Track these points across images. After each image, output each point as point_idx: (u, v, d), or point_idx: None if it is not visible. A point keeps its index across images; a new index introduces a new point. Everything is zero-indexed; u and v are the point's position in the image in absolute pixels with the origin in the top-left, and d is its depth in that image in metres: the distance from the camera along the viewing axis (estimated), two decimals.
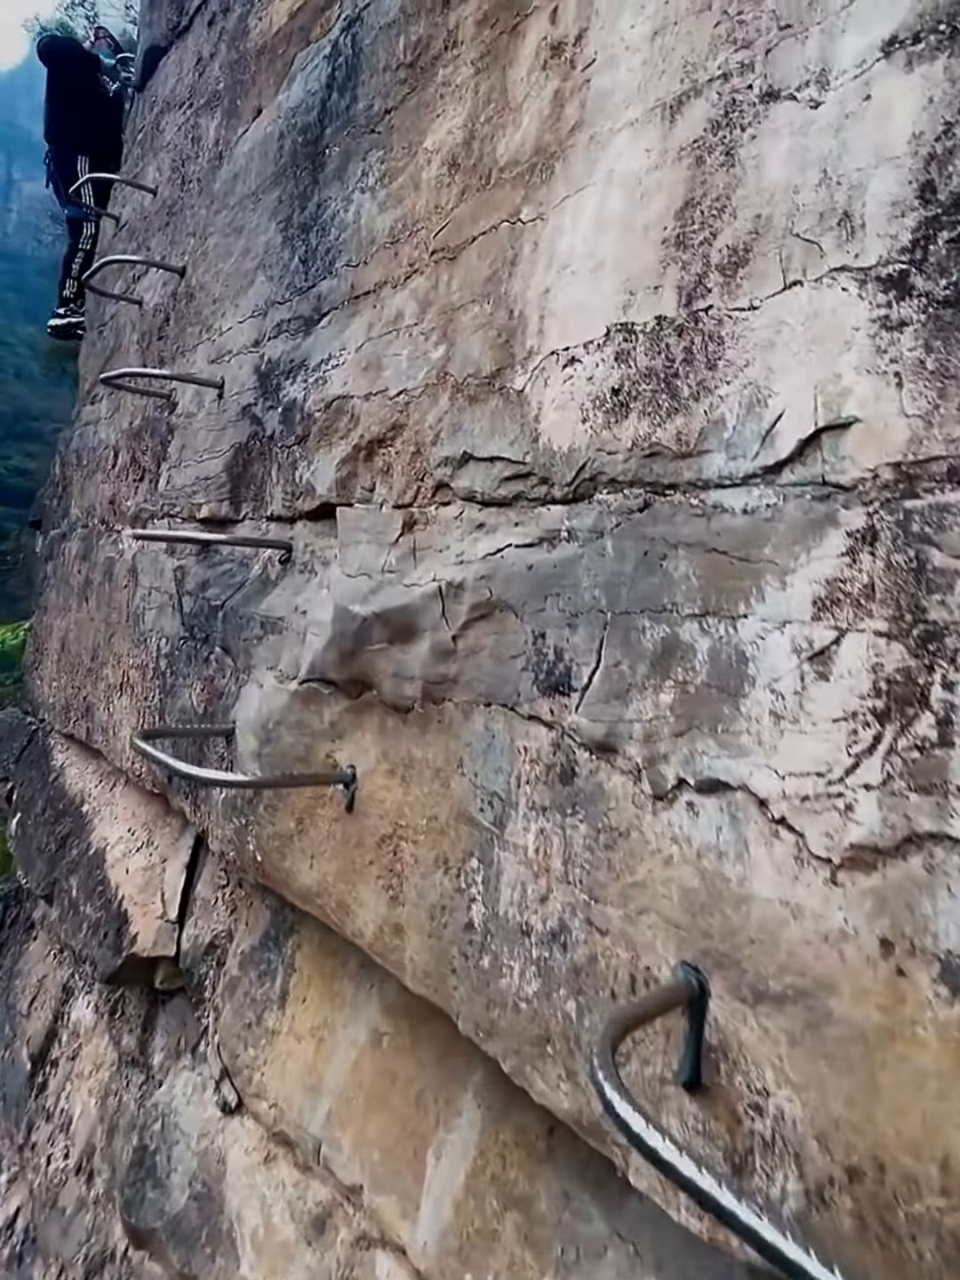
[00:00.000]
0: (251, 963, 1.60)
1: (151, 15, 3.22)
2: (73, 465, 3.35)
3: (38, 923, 2.92)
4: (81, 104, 4.88)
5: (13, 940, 3.09)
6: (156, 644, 2.05)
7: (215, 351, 2.20)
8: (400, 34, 1.67)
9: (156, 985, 1.91)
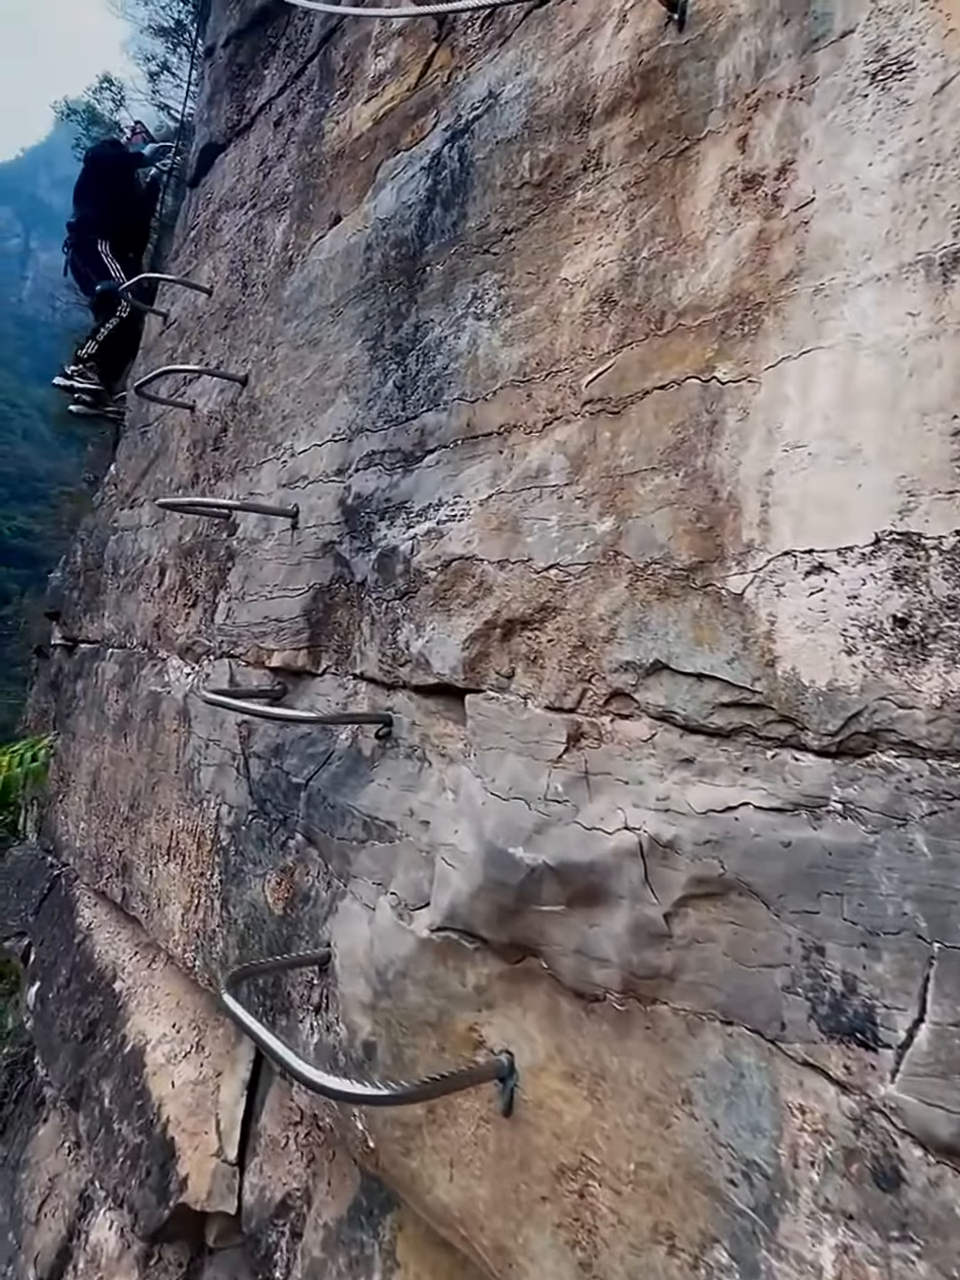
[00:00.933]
0: (339, 1244, 1.33)
1: (209, 113, 3.20)
2: (108, 572, 3.20)
3: (50, 1102, 2.62)
4: (114, 197, 5.29)
5: (19, 1118, 2.77)
6: (216, 810, 1.83)
7: (288, 475, 2.04)
8: (524, 151, 1.54)
9: (209, 1244, 1.62)
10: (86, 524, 5.54)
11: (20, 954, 2.70)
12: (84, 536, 5.45)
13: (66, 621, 5.08)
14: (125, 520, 3.20)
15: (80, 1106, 2.02)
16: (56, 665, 6.26)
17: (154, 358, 3.32)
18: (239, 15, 3.07)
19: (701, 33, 1.24)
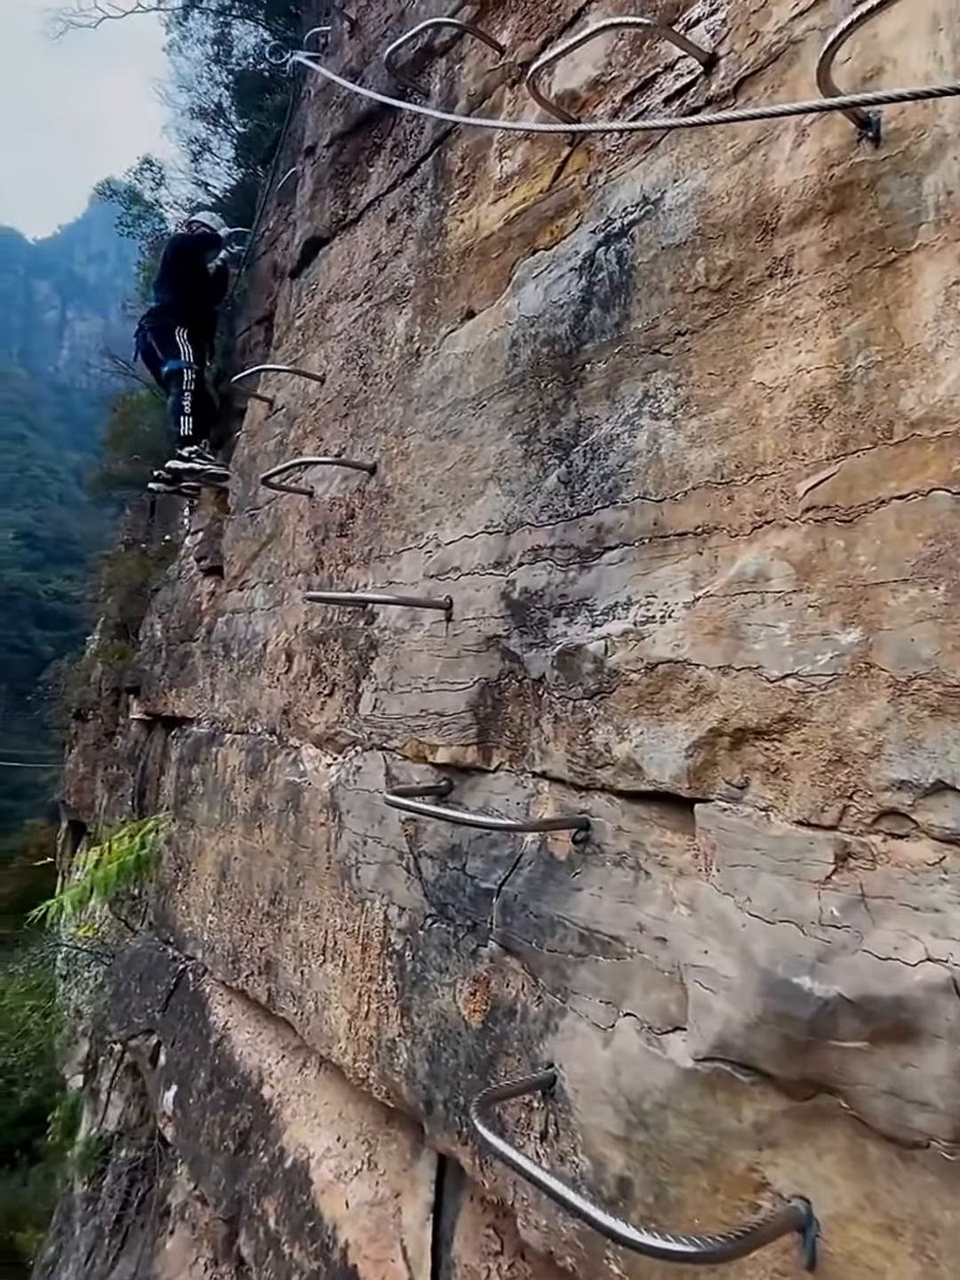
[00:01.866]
0: None
1: (312, 208, 3.38)
2: (218, 654, 3.27)
3: (175, 1212, 2.58)
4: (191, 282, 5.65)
5: (142, 1229, 2.74)
6: (383, 910, 1.84)
7: (435, 566, 2.09)
8: (697, 257, 1.61)
9: None
10: (164, 598, 5.70)
11: (149, 1054, 2.70)
12: (163, 610, 5.60)
13: (149, 697, 5.20)
14: (234, 602, 3.29)
15: (241, 1226, 1.99)
16: (134, 739, 6.38)
17: (260, 442, 3.45)
18: (343, 118, 3.26)
19: (902, 150, 1.29)
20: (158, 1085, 2.61)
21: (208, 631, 4.53)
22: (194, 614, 4.87)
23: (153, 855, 3.25)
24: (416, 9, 3.00)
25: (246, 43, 14.49)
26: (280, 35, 13.12)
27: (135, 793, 5.45)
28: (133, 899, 3.49)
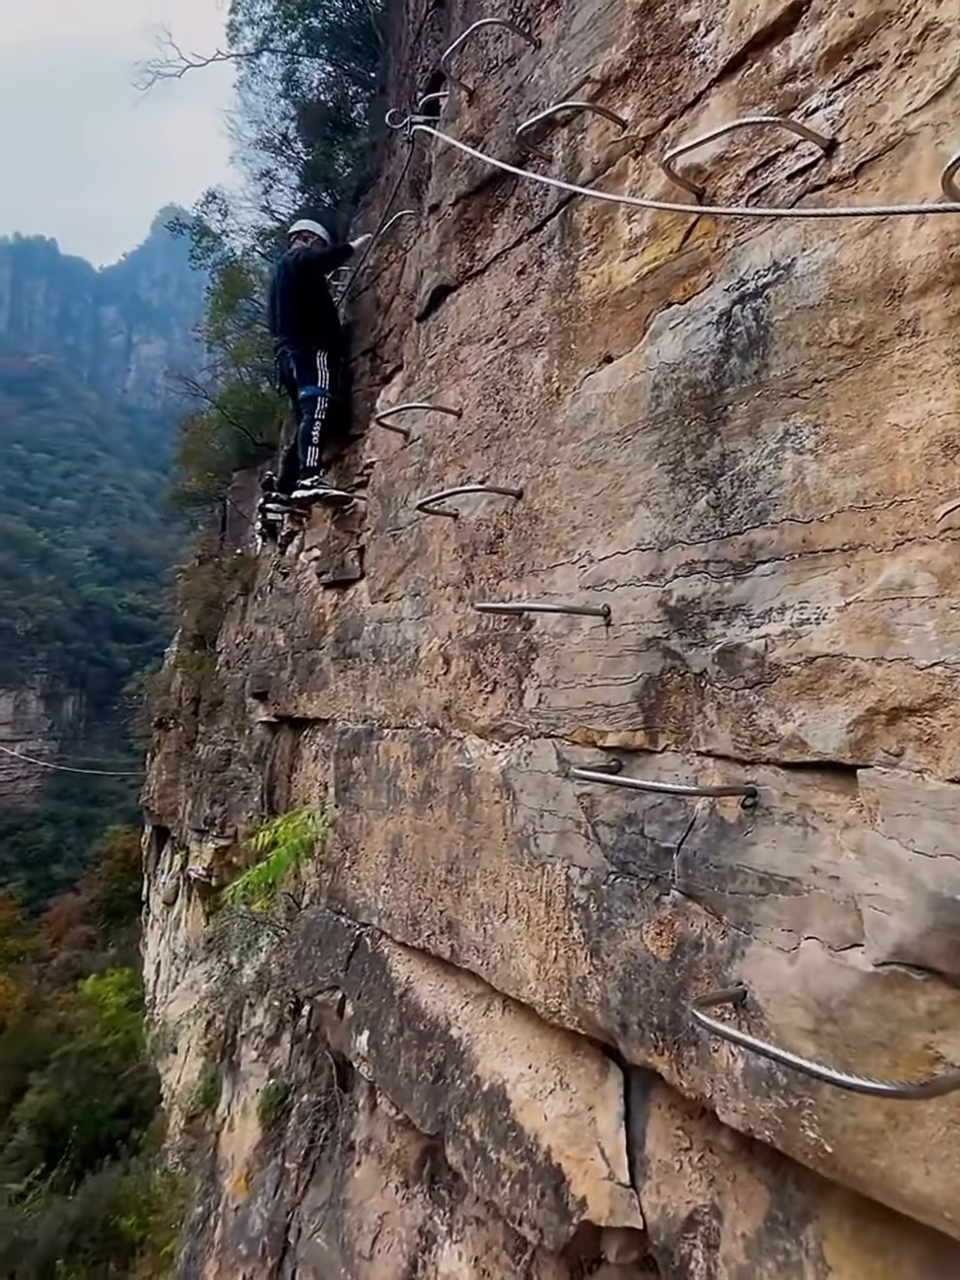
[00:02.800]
0: (763, 1251, 1.60)
1: (439, 260, 3.76)
2: (368, 659, 3.67)
3: (360, 1146, 2.97)
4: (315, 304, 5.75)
5: (329, 1163, 3.13)
6: (565, 872, 2.17)
7: (591, 579, 2.42)
8: (831, 317, 1.90)
9: (611, 1259, 1.90)
10: (283, 608, 6.16)
11: (336, 1006, 3.08)
12: (285, 621, 6.07)
13: (278, 701, 5.65)
14: (381, 612, 3.67)
15: (447, 1140, 2.34)
16: (259, 741, 6.87)
17: (398, 469, 3.84)
18: (467, 180, 3.62)
19: None
20: (348, 1032, 2.99)
21: (335, 640, 4.96)
22: (317, 624, 5.31)
23: (314, 840, 3.65)
24: (535, 82, 3.34)
25: (312, 76, 15.11)
26: (342, 68, 13.67)
27: (265, 789, 5.91)
28: (295, 878, 3.87)
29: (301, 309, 5.74)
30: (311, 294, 5.76)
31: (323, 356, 5.67)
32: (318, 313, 5.76)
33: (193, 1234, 5.32)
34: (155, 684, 33.70)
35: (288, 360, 5.84)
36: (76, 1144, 17.99)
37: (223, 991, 6.64)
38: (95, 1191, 15.55)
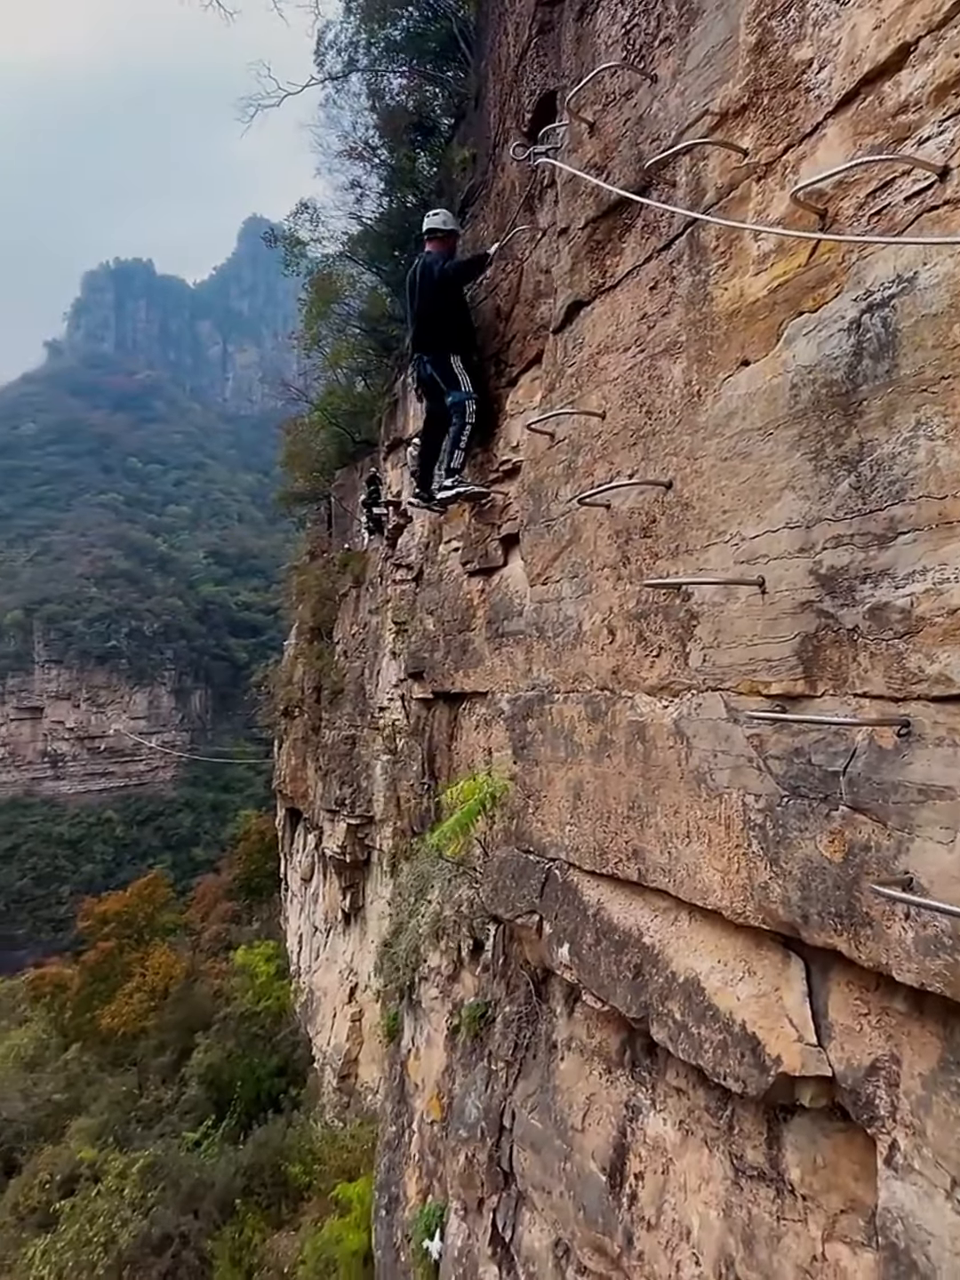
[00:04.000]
0: (938, 1084, 2.01)
1: (572, 278, 4.18)
2: (531, 635, 4.14)
3: (561, 1045, 3.52)
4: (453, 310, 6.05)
5: (534, 1060, 3.70)
6: (740, 800, 2.60)
7: (743, 554, 2.83)
8: (954, 323, 2.23)
9: (805, 1104, 2.34)
10: (431, 597, 6.74)
11: (534, 927, 3.62)
12: (433, 608, 6.66)
13: (435, 679, 6.24)
14: (540, 594, 4.15)
15: (651, 1021, 2.83)
16: (415, 716, 7.51)
17: (546, 467, 4.30)
18: (594, 205, 4.02)
19: None
20: (548, 947, 3.52)
21: (487, 622, 5.49)
22: (466, 609, 5.85)
23: (498, 793, 4.19)
24: (654, 114, 3.69)
25: (393, 85, 15.61)
26: (421, 73, 14.07)
27: (425, 757, 6.53)
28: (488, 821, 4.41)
29: (440, 314, 6.02)
30: (450, 301, 6.03)
31: (457, 360, 5.96)
32: (454, 318, 6.02)
33: (389, 1149, 6.04)
34: (278, 675, 35.62)
35: (424, 365, 6.15)
36: (241, 1099, 19.64)
37: (393, 942, 7.34)
38: (263, 1141, 17.03)
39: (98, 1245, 14.89)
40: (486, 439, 6.05)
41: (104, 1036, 25.73)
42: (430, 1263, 4.57)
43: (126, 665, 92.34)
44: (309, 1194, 14.67)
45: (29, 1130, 22.13)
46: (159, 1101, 21.08)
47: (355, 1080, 16.85)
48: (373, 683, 17.32)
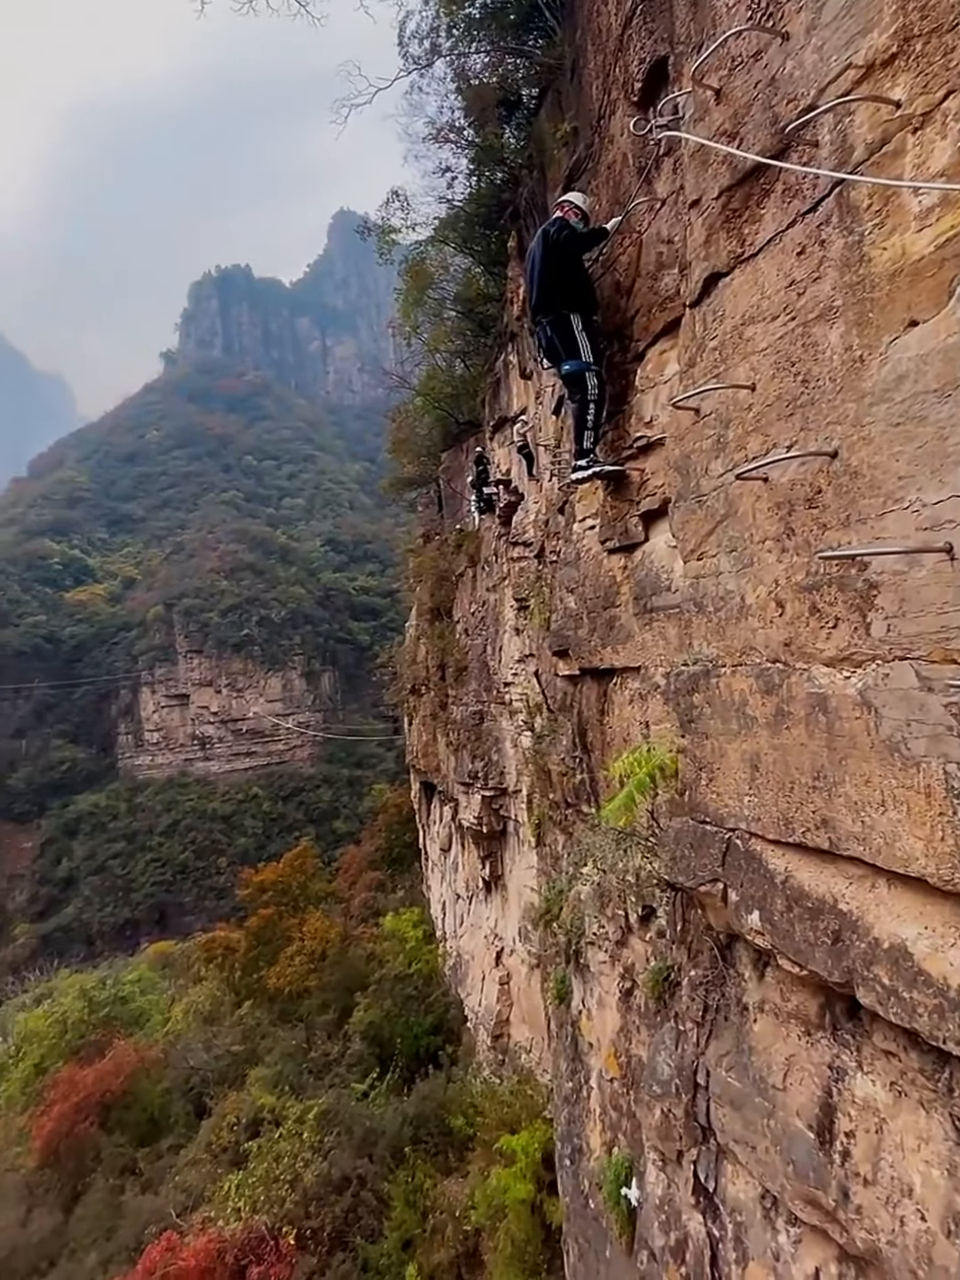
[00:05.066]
0: None
1: (707, 250, 4.10)
2: (689, 611, 4.15)
3: (754, 1007, 3.59)
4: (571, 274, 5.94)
5: (726, 1021, 3.79)
6: (941, 768, 2.57)
7: (925, 520, 2.76)
8: None
9: None
10: (570, 576, 6.80)
11: (719, 894, 3.68)
12: (573, 586, 6.72)
13: (582, 655, 6.32)
14: (696, 569, 4.15)
15: (857, 986, 2.86)
16: (561, 692, 7.63)
17: (692, 442, 4.28)
18: (728, 174, 3.92)
19: None
20: (735, 913, 3.57)
21: (634, 598, 5.52)
22: (609, 586, 5.88)
23: (663, 767, 4.25)
24: (789, 74, 3.55)
25: (475, 64, 15.42)
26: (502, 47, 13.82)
27: (575, 732, 6.63)
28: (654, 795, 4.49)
29: (557, 277, 5.87)
30: (568, 265, 5.87)
31: (577, 319, 5.77)
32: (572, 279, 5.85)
33: (568, 1104, 6.28)
34: (402, 655, 36.67)
35: (545, 330, 5.98)
36: (401, 1054, 20.72)
37: (549, 909, 7.56)
38: (426, 1094, 17.94)
39: (285, 1182, 16.21)
40: (616, 416, 6.01)
41: (271, 995, 27.59)
42: (625, 1208, 4.77)
43: (259, 652, 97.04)
44: (472, 1144, 15.40)
45: (214, 1077, 24.21)
46: (326, 1055, 22.47)
47: (508, 1039, 17.43)
48: (495, 659, 17.57)
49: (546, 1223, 11.36)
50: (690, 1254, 3.97)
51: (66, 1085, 23.77)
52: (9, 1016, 43.67)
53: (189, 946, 47.60)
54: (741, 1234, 3.63)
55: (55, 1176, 22.38)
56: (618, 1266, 4.87)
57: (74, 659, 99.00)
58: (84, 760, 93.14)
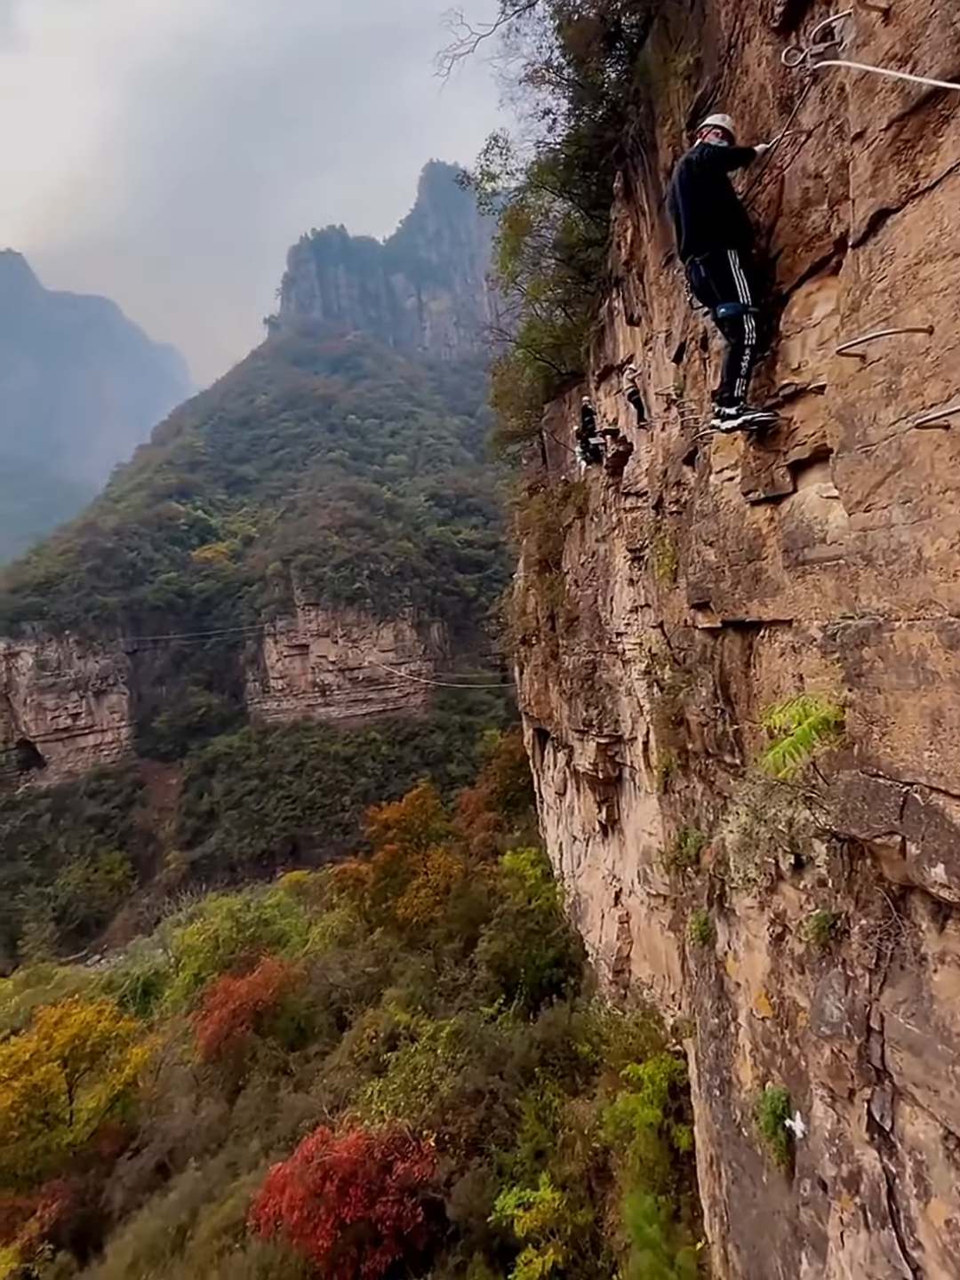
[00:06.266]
0: None
1: (874, 185, 3.83)
2: (858, 564, 3.99)
3: (933, 958, 3.55)
4: (720, 201, 5.42)
5: (902, 970, 3.77)
6: None
7: None
8: None
9: None
10: (708, 528, 6.62)
11: (897, 847, 3.63)
12: (711, 539, 6.56)
13: (725, 608, 6.19)
14: (864, 522, 3.97)
15: None
16: (700, 644, 7.53)
17: (856, 390, 4.07)
18: (899, 102, 3.63)
19: None
20: (916, 867, 3.52)
21: (784, 550, 5.34)
22: (754, 538, 5.70)
23: (828, 720, 4.16)
24: None
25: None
26: None
27: (717, 685, 6.54)
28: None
29: (705, 206, 5.38)
30: (715, 190, 5.37)
31: (734, 256, 5.32)
32: (724, 210, 5.36)
33: (714, 1039, 6.40)
34: (510, 607, 36.79)
35: (697, 269, 5.54)
36: (525, 983, 21.46)
37: (679, 854, 7.61)
38: (551, 1021, 18.58)
39: (422, 1091, 17.33)
40: (758, 362, 5.73)
41: (400, 923, 29.03)
42: (782, 1138, 4.87)
43: (371, 604, 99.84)
44: (598, 1069, 15.93)
45: (351, 994, 25.92)
46: (454, 980, 23.55)
47: (629, 975, 17.77)
48: (607, 609, 17.35)
49: (674, 1146, 11.70)
50: (865, 1186, 4.03)
51: (223, 993, 25.98)
52: (167, 931, 48.18)
53: (321, 876, 50.55)
54: (923, 1172, 3.64)
55: (218, 1072, 24.74)
56: (776, 1192, 5.00)
57: (203, 612, 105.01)
58: (217, 705, 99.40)
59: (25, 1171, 21.59)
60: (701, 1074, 6.99)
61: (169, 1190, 19.32)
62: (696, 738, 7.11)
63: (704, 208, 5.52)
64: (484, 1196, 13.89)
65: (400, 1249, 13.59)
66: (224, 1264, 14.75)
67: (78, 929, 78.73)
